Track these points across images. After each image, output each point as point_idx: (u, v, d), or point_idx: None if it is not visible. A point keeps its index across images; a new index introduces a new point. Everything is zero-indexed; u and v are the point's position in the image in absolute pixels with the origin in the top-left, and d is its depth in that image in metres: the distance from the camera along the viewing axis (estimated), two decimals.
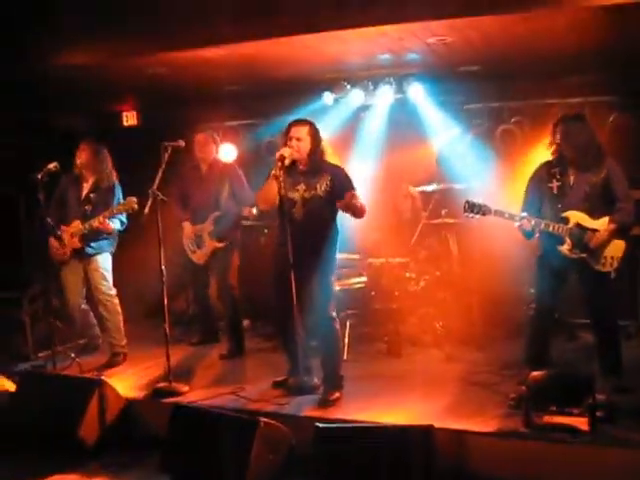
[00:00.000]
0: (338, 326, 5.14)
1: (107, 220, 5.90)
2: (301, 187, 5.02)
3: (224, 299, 6.49)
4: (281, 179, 4.85)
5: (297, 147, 4.98)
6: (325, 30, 5.27)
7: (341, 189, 4.94)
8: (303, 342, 5.11)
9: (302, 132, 5.00)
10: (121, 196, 6.14)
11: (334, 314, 5.10)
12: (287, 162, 4.88)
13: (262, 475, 4.07)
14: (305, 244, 4.87)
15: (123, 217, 6.08)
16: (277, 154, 4.92)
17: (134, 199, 5.77)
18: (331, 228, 5.06)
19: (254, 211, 6.42)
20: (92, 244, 6.07)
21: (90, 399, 4.89)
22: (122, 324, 6.27)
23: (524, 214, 4.83)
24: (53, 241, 6.06)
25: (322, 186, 4.98)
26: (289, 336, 5.04)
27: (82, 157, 6.11)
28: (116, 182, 6.22)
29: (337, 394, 5.01)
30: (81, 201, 6.14)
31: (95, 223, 5.90)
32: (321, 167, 5.04)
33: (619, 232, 4.78)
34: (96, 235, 6.04)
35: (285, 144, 5.00)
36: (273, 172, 4.90)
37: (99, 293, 6.18)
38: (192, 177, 6.53)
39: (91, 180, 6.19)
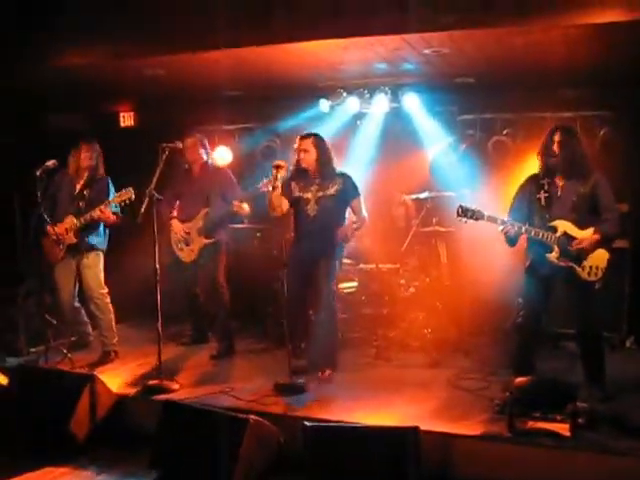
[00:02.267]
0: (336, 305, 5.74)
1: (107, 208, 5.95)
2: (314, 188, 5.64)
3: (213, 298, 6.45)
4: (278, 189, 5.38)
5: (305, 158, 5.60)
6: (322, 38, 5.36)
7: (350, 192, 5.64)
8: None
9: (307, 144, 5.60)
10: (114, 191, 6.15)
11: (334, 296, 5.65)
12: (282, 172, 5.40)
13: (251, 472, 4.13)
14: (318, 236, 5.54)
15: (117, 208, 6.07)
16: (274, 162, 5.45)
17: (130, 189, 5.83)
18: (341, 222, 5.67)
19: (245, 207, 6.30)
20: (86, 238, 6.10)
21: (81, 394, 4.93)
22: (114, 322, 6.30)
23: (511, 220, 4.93)
24: (47, 241, 6.09)
25: (333, 187, 5.61)
26: (299, 324, 5.60)
27: (84, 158, 6.12)
28: (108, 177, 6.26)
29: (329, 371, 5.52)
30: (74, 197, 6.14)
31: (96, 213, 5.93)
32: (332, 174, 5.65)
33: (603, 243, 4.87)
34: (91, 229, 6.09)
35: (297, 157, 5.66)
36: (270, 184, 5.46)
37: (91, 291, 6.20)
38: (184, 179, 6.55)
39: (84, 177, 6.19)
